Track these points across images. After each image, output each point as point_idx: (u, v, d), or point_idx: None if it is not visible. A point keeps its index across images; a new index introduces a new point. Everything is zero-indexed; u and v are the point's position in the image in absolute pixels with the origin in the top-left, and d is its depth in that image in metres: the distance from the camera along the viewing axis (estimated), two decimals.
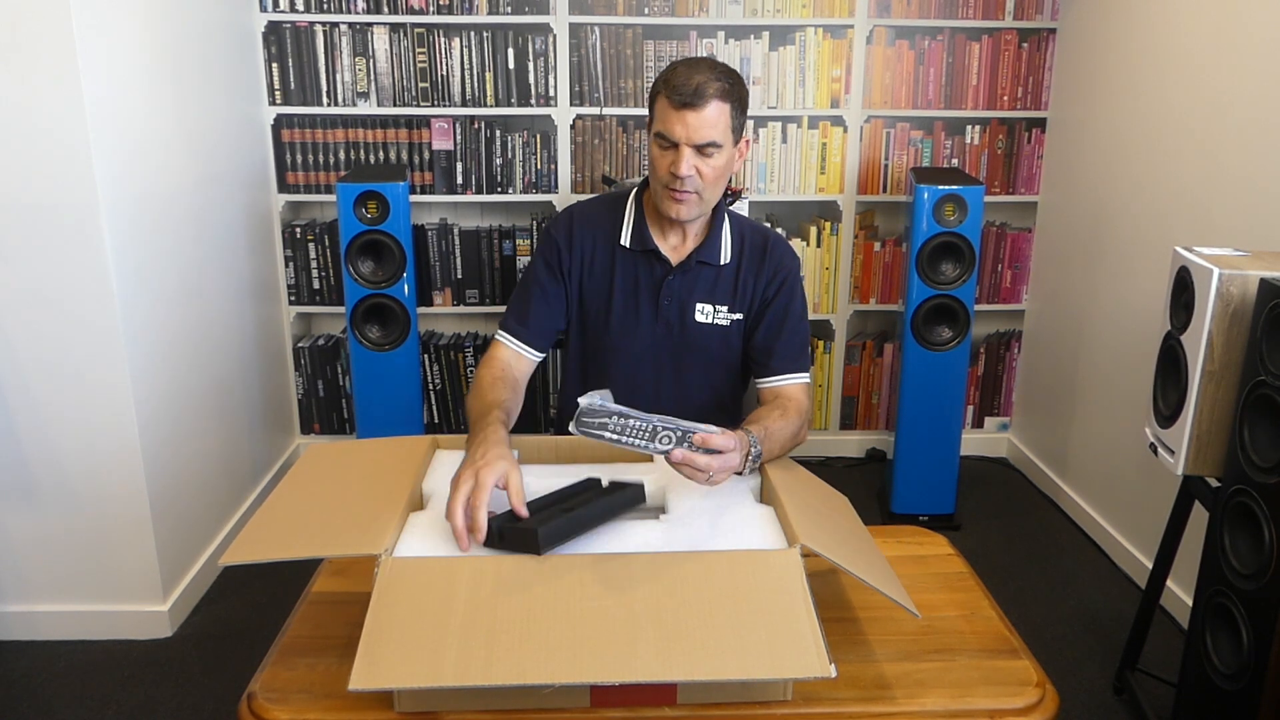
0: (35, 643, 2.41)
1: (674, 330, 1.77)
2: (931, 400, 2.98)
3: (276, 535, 1.21)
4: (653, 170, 1.68)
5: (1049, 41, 3.24)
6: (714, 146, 1.62)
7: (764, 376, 1.75)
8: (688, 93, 1.58)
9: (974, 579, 1.42)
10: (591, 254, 1.79)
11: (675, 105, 1.60)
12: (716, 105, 1.60)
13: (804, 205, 3.35)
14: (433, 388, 3.36)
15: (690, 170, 1.62)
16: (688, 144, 1.61)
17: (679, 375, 1.80)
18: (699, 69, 1.61)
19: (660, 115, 1.63)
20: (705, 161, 1.63)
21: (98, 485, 2.33)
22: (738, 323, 1.78)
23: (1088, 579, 2.79)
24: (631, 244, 1.77)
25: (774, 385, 1.74)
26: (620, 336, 1.79)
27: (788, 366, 1.74)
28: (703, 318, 1.77)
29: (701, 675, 1.00)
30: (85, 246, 2.17)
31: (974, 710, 1.12)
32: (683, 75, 1.60)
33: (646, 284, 1.77)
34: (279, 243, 3.25)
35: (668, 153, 1.63)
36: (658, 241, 1.76)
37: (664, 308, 1.76)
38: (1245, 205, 2.30)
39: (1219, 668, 1.74)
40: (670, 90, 1.60)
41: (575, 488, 1.33)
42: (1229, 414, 1.78)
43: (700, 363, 1.80)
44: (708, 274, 1.76)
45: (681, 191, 1.64)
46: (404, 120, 3.17)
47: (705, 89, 1.58)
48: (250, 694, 1.13)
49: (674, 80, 1.60)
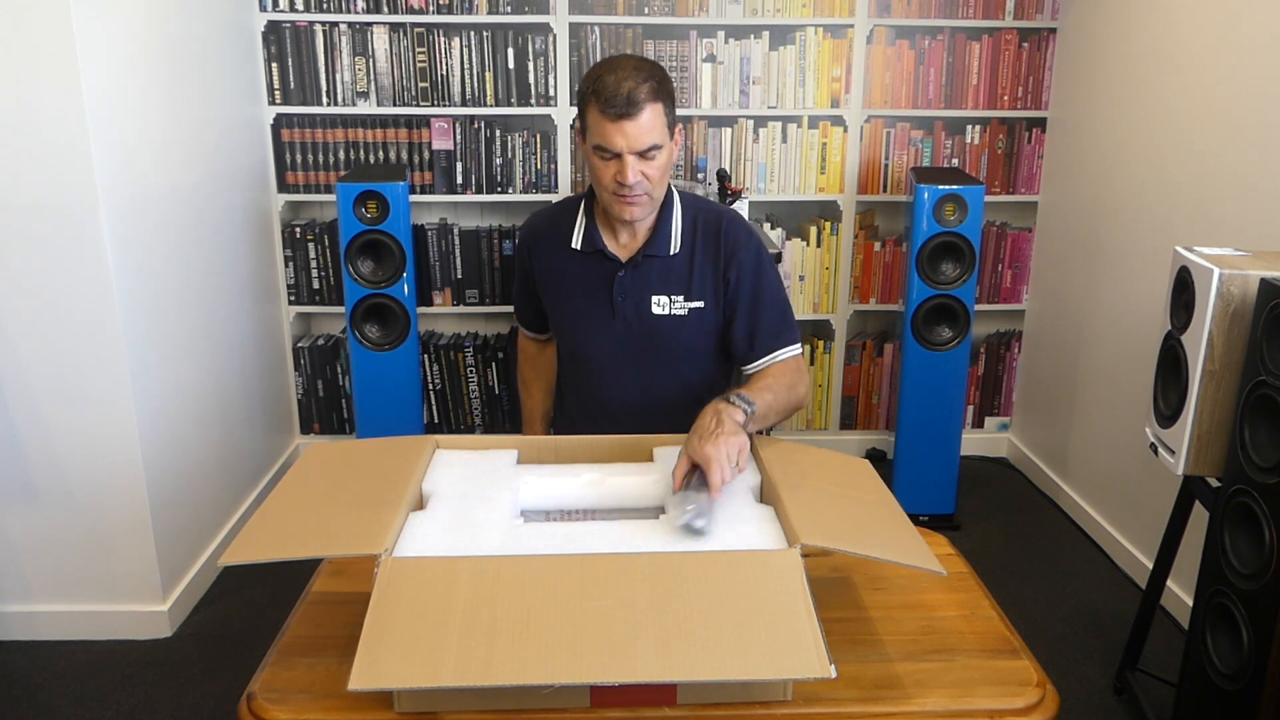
0: (35, 643, 2.41)
1: (633, 326, 1.78)
2: (931, 400, 2.98)
3: (276, 535, 1.21)
4: (597, 179, 1.68)
5: (1049, 41, 3.24)
6: (655, 149, 1.63)
7: (749, 363, 1.76)
8: (621, 102, 1.57)
9: (974, 579, 1.42)
10: (547, 262, 1.84)
11: (611, 117, 1.59)
12: (651, 109, 1.60)
13: (804, 205, 3.35)
14: (433, 388, 3.36)
15: (637, 176, 1.62)
16: (630, 152, 1.61)
17: (648, 370, 1.81)
18: (625, 74, 1.59)
19: (596, 127, 1.62)
20: (649, 164, 1.64)
21: (98, 485, 2.33)
22: (697, 311, 1.77)
23: (1088, 579, 2.79)
24: (582, 246, 1.79)
25: (760, 368, 1.75)
26: (586, 339, 1.82)
27: (770, 347, 1.75)
28: (659, 309, 1.77)
29: (701, 675, 1.00)
30: (85, 246, 2.17)
31: (974, 710, 1.12)
32: (611, 85, 1.58)
33: (600, 284, 1.78)
34: (279, 243, 3.25)
35: (610, 163, 1.64)
36: (607, 241, 1.77)
37: (619, 305, 1.77)
38: (1245, 205, 2.29)
39: (1219, 668, 1.74)
40: (602, 102, 1.58)
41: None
42: (1229, 414, 1.78)
43: (667, 355, 1.80)
44: (658, 265, 1.76)
45: (632, 195, 1.65)
46: (404, 120, 3.17)
47: (637, 95, 1.57)
48: (250, 694, 1.13)
49: (604, 91, 1.58)
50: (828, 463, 1.46)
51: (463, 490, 1.35)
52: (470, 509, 1.29)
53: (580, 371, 1.87)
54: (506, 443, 1.52)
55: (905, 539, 1.25)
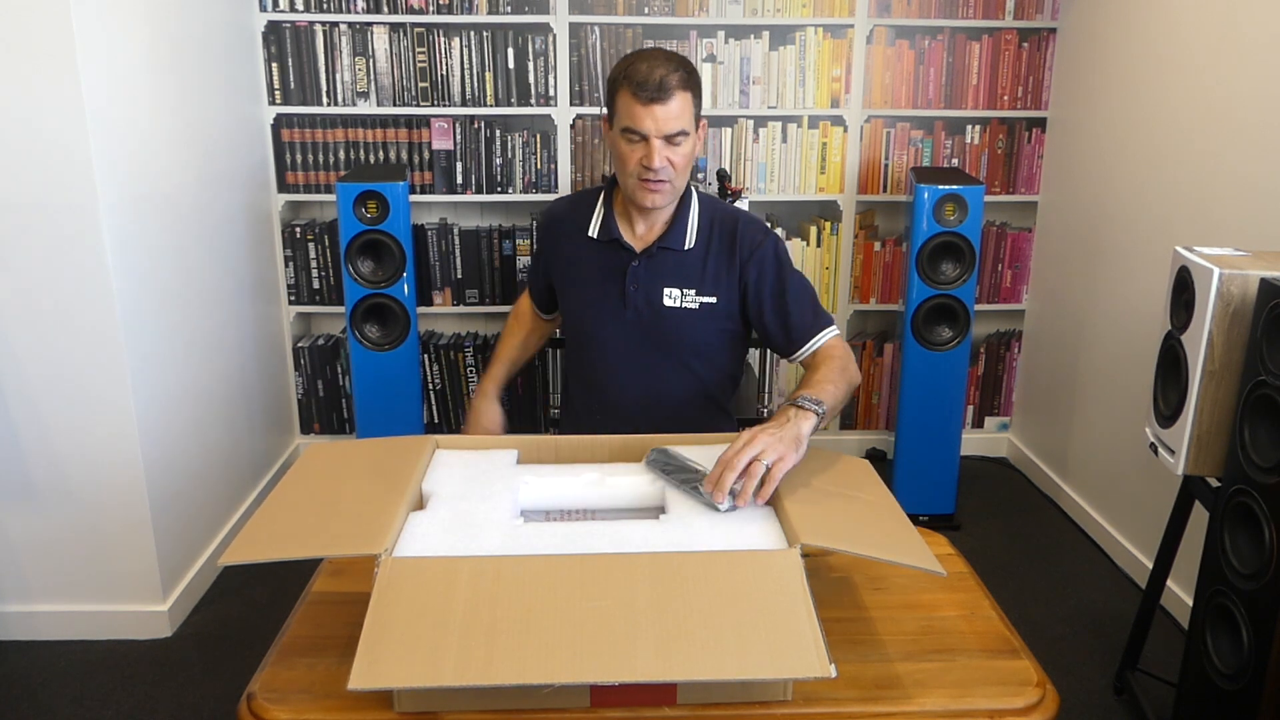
0: (35, 643, 2.41)
1: (644, 316, 1.81)
2: (931, 400, 2.98)
3: (276, 535, 1.21)
4: (622, 165, 1.72)
5: (1049, 41, 3.24)
6: (682, 135, 1.68)
7: (793, 353, 1.80)
8: (653, 87, 1.64)
9: (974, 579, 1.42)
10: (563, 250, 1.88)
11: (643, 101, 1.65)
12: (680, 96, 1.66)
13: (804, 205, 3.35)
14: (433, 388, 3.36)
15: (663, 161, 1.68)
16: (658, 136, 1.66)
17: (657, 362, 1.83)
18: (657, 62, 1.66)
19: (626, 110, 1.67)
20: (675, 150, 1.69)
21: (98, 485, 2.33)
22: (708, 306, 1.80)
23: (1088, 579, 2.79)
24: (599, 235, 1.83)
25: (807, 355, 1.78)
26: (597, 326, 1.84)
27: (808, 334, 1.78)
28: (671, 301, 1.80)
29: (701, 675, 1.00)
30: (85, 246, 2.17)
31: (974, 710, 1.12)
32: (644, 70, 1.64)
33: (613, 272, 1.82)
34: (279, 242, 3.25)
35: (637, 146, 1.69)
36: (624, 232, 1.82)
37: (631, 294, 1.80)
38: (1245, 205, 2.29)
39: (1219, 668, 1.74)
40: (634, 86, 1.65)
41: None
42: (1229, 414, 1.78)
43: (675, 347, 1.83)
44: (673, 259, 1.80)
45: (656, 181, 1.70)
46: (404, 120, 3.17)
47: (669, 81, 1.64)
48: (250, 694, 1.13)
49: (636, 76, 1.65)
50: (828, 463, 1.47)
51: (463, 490, 1.35)
52: (470, 509, 1.29)
53: (588, 364, 1.88)
54: (506, 443, 1.52)
55: (905, 539, 1.25)
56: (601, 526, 1.26)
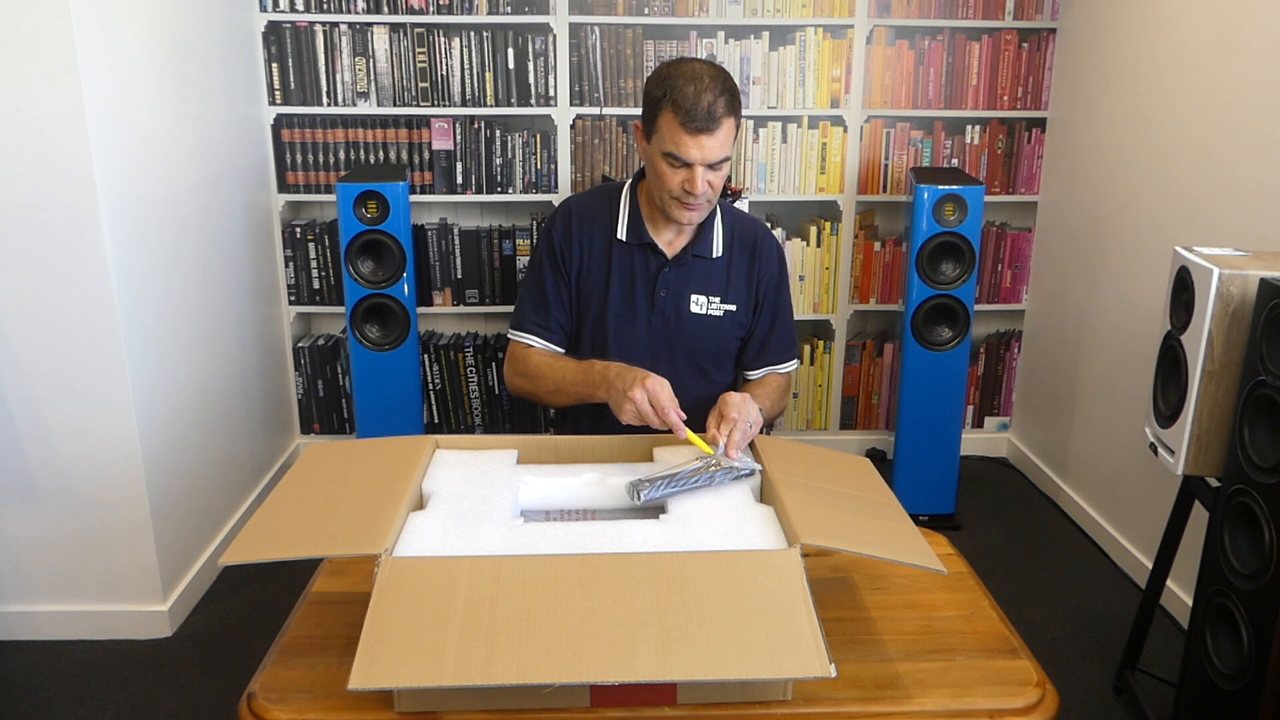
0: (35, 643, 2.41)
1: (670, 321, 1.81)
2: (931, 400, 2.99)
3: (276, 535, 1.21)
4: (660, 182, 1.70)
5: (1049, 41, 3.24)
6: (725, 161, 1.67)
7: (752, 369, 1.89)
8: (701, 116, 1.59)
9: (974, 579, 1.42)
10: (589, 248, 1.83)
11: (690, 131, 1.60)
12: (727, 124, 1.63)
13: (804, 205, 3.35)
14: (433, 388, 3.36)
15: (704, 187, 1.66)
16: (702, 164, 1.64)
17: (675, 366, 1.83)
18: (704, 86, 1.60)
19: (671, 136, 1.63)
20: (715, 174, 1.68)
21: (98, 485, 2.33)
22: (730, 314, 1.83)
23: (1088, 579, 2.79)
24: (628, 237, 1.81)
25: (761, 376, 1.89)
26: (618, 329, 1.83)
27: (775, 359, 1.89)
28: (698, 309, 1.81)
29: (701, 675, 1.00)
30: (85, 247, 2.17)
31: (974, 710, 1.12)
32: (692, 96, 1.59)
33: (643, 276, 1.81)
34: (279, 243, 3.25)
35: (679, 171, 1.66)
36: (654, 235, 1.81)
37: (660, 299, 1.80)
38: (1245, 205, 2.29)
39: (1219, 668, 1.74)
40: (682, 114, 1.60)
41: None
42: (1229, 414, 1.78)
43: (695, 353, 1.84)
44: (701, 266, 1.81)
45: (694, 203, 1.69)
46: (404, 120, 3.17)
47: (716, 109, 1.60)
48: (250, 694, 1.13)
49: (684, 102, 1.59)
50: (828, 462, 1.47)
51: (463, 490, 1.35)
52: (470, 509, 1.29)
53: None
54: (506, 443, 1.52)
55: (906, 538, 1.25)
56: (601, 526, 1.26)
